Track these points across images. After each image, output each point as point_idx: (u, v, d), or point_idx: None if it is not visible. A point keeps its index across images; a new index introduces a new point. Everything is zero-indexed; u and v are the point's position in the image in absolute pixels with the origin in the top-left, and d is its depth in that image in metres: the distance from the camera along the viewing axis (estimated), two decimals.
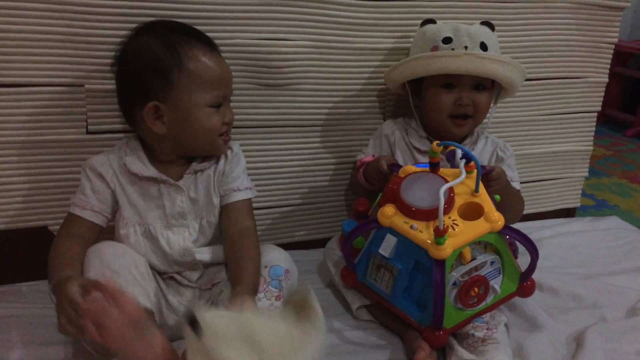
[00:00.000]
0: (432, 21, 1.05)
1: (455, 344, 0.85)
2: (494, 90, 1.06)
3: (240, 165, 0.91)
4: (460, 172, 0.85)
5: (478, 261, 0.83)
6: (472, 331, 0.86)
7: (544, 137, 1.32)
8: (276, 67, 1.04)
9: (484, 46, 0.98)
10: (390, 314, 0.90)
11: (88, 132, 0.97)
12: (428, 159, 0.89)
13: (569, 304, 1.01)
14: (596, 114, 1.36)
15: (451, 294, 0.82)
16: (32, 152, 0.96)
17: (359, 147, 1.15)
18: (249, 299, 0.73)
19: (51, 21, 0.90)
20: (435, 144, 0.86)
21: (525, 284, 0.90)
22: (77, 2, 0.90)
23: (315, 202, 1.18)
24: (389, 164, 0.96)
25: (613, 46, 1.31)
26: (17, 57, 0.90)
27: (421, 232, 0.81)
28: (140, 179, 0.84)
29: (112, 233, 0.87)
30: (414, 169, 0.90)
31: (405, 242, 0.83)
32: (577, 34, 1.26)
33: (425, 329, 0.83)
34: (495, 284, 0.86)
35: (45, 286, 0.97)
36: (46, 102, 0.94)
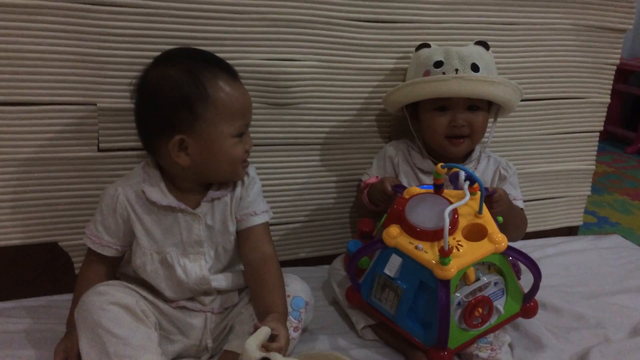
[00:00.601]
0: (426, 45, 1.06)
1: None
2: (492, 109, 1.07)
3: (256, 189, 0.90)
4: (464, 194, 0.86)
5: (482, 282, 0.84)
6: (476, 352, 0.86)
7: (546, 156, 1.33)
8: (283, 87, 1.06)
9: (475, 67, 0.99)
10: (395, 333, 0.90)
11: (100, 150, 0.99)
12: (432, 180, 0.91)
13: (572, 323, 1.01)
14: (598, 133, 1.37)
15: (455, 314, 0.83)
16: (44, 169, 0.97)
17: (364, 166, 1.16)
18: (283, 330, 0.75)
19: (64, 41, 0.92)
20: (439, 166, 0.87)
21: (528, 306, 0.91)
22: (89, 23, 0.92)
23: (321, 219, 1.20)
24: (393, 185, 0.97)
25: (615, 67, 1.32)
26: (31, 76, 0.92)
27: (426, 252, 0.82)
28: (158, 207, 0.83)
29: None
30: (418, 191, 0.91)
31: (410, 262, 0.84)
32: (579, 55, 1.27)
33: (430, 349, 0.84)
34: (499, 304, 0.87)
35: (54, 302, 1.00)
36: (59, 120, 0.96)
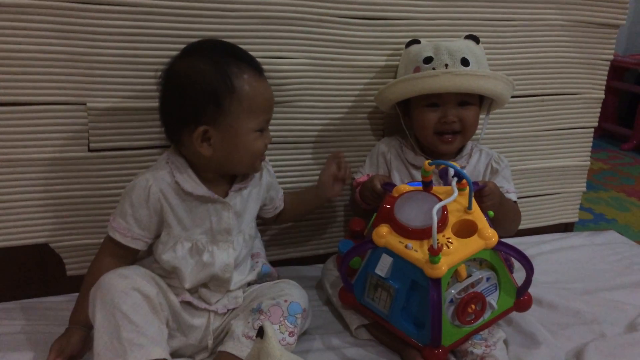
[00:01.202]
0: (416, 41, 1.06)
1: None
2: (484, 104, 1.06)
3: (273, 174, 1.00)
4: (452, 190, 0.86)
5: (474, 278, 0.83)
6: (470, 348, 0.86)
7: (541, 152, 1.33)
8: (275, 84, 1.05)
9: (465, 61, 0.98)
10: (389, 332, 0.90)
11: (90, 150, 0.98)
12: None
13: (568, 319, 1.01)
14: (593, 129, 1.37)
15: (448, 311, 0.82)
16: (34, 170, 0.97)
17: (357, 164, 1.15)
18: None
19: (53, 40, 0.91)
20: (426, 163, 0.87)
21: (521, 299, 0.90)
22: (79, 22, 0.92)
23: (314, 217, 1.19)
24: (382, 183, 0.96)
25: (609, 63, 1.32)
26: (20, 76, 0.92)
27: (416, 251, 0.81)
28: (191, 197, 0.84)
29: None
30: (407, 188, 0.90)
31: (400, 261, 0.83)
32: (573, 51, 1.27)
33: (424, 347, 0.83)
34: (492, 299, 0.86)
35: (45, 304, 0.99)
36: (48, 120, 0.95)
